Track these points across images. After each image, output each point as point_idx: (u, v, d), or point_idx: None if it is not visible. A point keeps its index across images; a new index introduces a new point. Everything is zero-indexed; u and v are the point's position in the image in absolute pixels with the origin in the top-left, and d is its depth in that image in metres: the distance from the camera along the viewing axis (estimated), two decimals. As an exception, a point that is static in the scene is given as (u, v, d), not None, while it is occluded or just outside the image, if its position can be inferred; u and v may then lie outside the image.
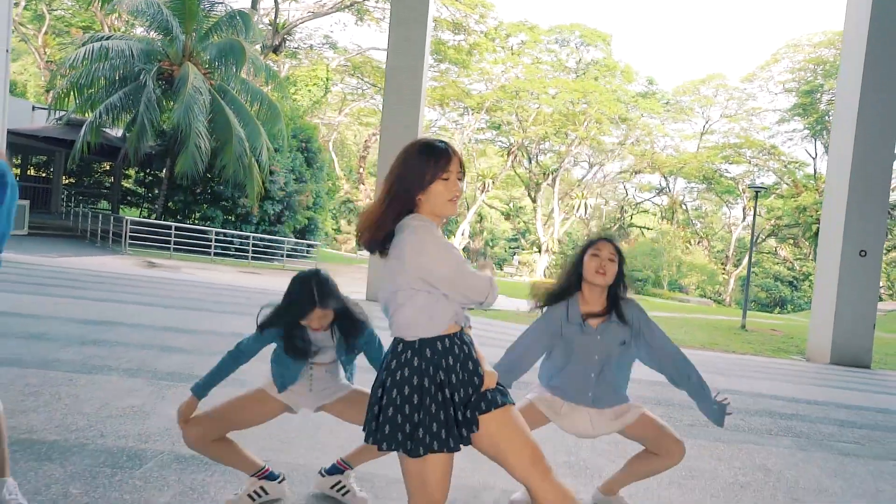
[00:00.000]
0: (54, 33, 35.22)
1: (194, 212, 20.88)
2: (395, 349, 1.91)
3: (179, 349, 5.40)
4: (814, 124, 37.54)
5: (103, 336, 5.56)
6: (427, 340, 1.86)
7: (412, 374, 1.85)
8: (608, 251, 2.63)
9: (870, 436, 4.82)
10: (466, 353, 1.90)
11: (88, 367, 4.53)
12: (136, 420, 3.52)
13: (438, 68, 36.73)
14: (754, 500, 3.24)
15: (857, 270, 10.04)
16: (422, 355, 1.85)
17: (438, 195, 1.85)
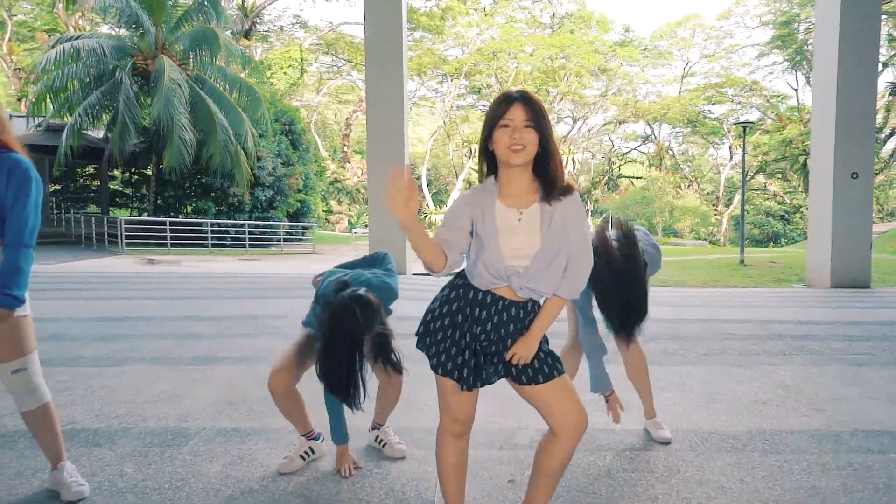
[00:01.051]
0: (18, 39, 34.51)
1: (186, 206, 20.78)
2: (456, 275, 2.00)
3: (199, 335, 5.48)
4: (793, 55, 37.33)
5: (122, 331, 5.62)
6: (472, 285, 1.92)
7: (455, 300, 1.93)
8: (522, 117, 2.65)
9: (879, 346, 4.96)
10: (503, 320, 1.89)
11: (114, 360, 4.60)
12: (172, 403, 3.61)
13: (413, 36, 36.24)
14: (777, 414, 3.37)
15: (850, 193, 10.17)
16: (465, 293, 1.92)
17: (499, 142, 1.81)
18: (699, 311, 7.09)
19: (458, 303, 1.93)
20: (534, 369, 1.91)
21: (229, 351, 4.90)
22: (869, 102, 10.28)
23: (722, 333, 5.45)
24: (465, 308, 1.92)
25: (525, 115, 1.80)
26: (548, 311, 1.93)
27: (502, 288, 1.88)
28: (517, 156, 1.79)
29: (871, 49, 10.20)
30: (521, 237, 1.83)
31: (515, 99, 1.82)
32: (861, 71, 10.10)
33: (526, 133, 1.79)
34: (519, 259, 1.83)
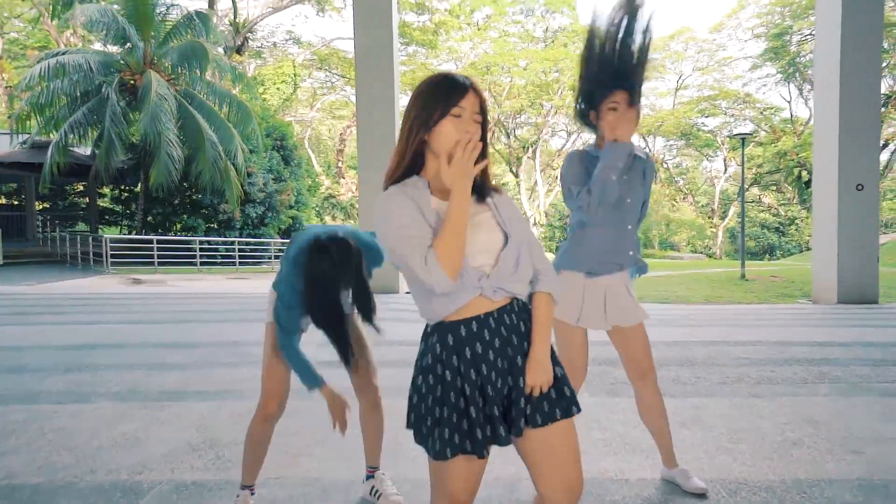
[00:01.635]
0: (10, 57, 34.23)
1: (175, 223, 20.37)
2: (424, 332, 1.62)
3: (173, 365, 5.08)
4: (786, 67, 37.34)
5: (90, 360, 5.22)
6: (447, 324, 1.53)
7: (435, 363, 1.54)
8: (626, 102, 2.37)
9: (906, 372, 4.60)
10: (505, 336, 1.53)
11: (75, 395, 4.20)
12: (129, 449, 3.21)
13: (406, 51, 36.15)
14: (811, 457, 2.99)
15: (856, 205, 9.86)
16: (443, 342, 1.53)
17: (446, 136, 1.49)
18: (707, 332, 6.72)
19: (440, 360, 1.54)
20: (549, 402, 1.55)
21: (202, 383, 4.50)
22: (872, 112, 10.00)
23: (736, 358, 5.08)
24: (451, 359, 1.53)
25: (476, 105, 1.51)
26: (544, 316, 1.58)
27: (475, 302, 1.51)
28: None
29: (874, 59, 9.94)
30: (472, 231, 1.52)
31: (468, 85, 1.50)
32: (864, 80, 9.82)
33: (476, 128, 1.50)
34: (480, 257, 1.52)
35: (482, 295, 1.51)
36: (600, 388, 4.18)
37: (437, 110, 1.48)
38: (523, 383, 1.53)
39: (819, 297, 10.44)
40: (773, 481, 2.72)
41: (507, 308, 1.55)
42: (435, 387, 1.53)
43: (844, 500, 2.53)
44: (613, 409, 3.71)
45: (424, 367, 1.56)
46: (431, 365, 1.54)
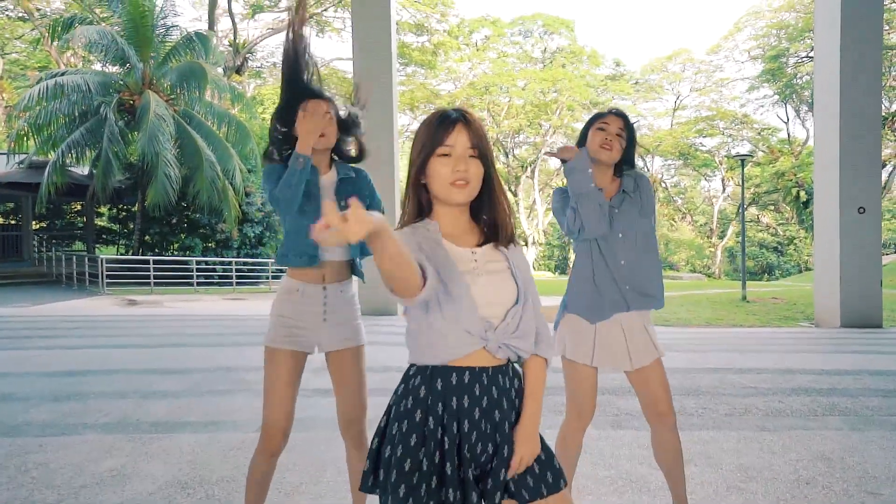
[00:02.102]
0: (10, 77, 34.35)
1: (172, 243, 20.27)
2: (405, 373, 1.50)
3: (165, 393, 4.95)
4: (783, 89, 37.60)
5: (79, 388, 5.08)
6: (438, 368, 1.42)
7: (415, 407, 1.42)
8: (617, 124, 2.38)
9: (918, 403, 4.48)
10: (495, 398, 1.42)
11: (61, 427, 4.06)
12: (115, 486, 3.08)
13: (405, 71, 36.35)
14: (826, 498, 2.86)
15: (858, 228, 9.78)
16: (430, 386, 1.42)
17: (437, 177, 1.40)
18: (711, 358, 6.59)
19: (423, 406, 1.42)
20: (535, 476, 1.43)
21: (195, 413, 4.38)
22: (873, 135, 9.96)
23: (742, 387, 4.95)
24: (436, 406, 1.40)
25: (469, 140, 1.39)
26: (539, 383, 1.47)
27: (476, 355, 1.40)
28: (461, 192, 1.39)
29: (874, 77, 9.93)
30: (487, 280, 1.41)
31: (456, 120, 1.39)
32: (864, 103, 9.80)
33: (471, 164, 1.39)
34: (490, 308, 1.40)
35: (485, 348, 1.41)
36: (604, 420, 4.05)
37: (424, 151, 1.40)
38: (507, 453, 1.41)
39: (821, 321, 10.32)
40: (788, 526, 2.59)
41: (503, 368, 1.45)
42: (409, 435, 1.40)
43: (865, 547, 2.41)
44: (619, 444, 3.58)
45: (401, 413, 1.43)
46: (411, 410, 1.42)
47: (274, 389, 2.26)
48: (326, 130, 2.27)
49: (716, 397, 4.65)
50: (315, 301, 2.29)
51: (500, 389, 1.43)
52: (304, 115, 2.23)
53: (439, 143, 1.39)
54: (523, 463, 1.41)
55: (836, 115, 9.80)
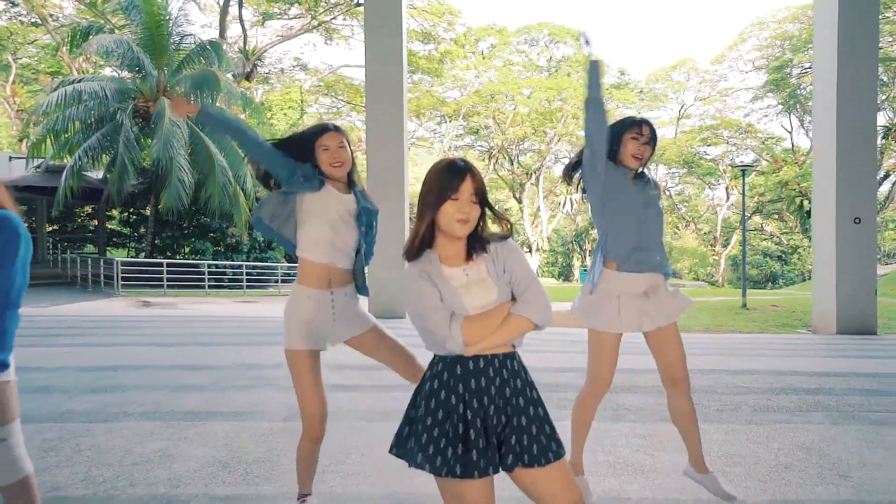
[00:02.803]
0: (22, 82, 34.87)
1: (183, 246, 20.69)
2: (430, 361, 1.88)
3: (193, 387, 5.30)
4: (787, 99, 37.90)
5: (113, 382, 5.44)
6: (457, 357, 1.80)
7: (440, 388, 1.80)
8: (648, 135, 2.82)
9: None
10: (505, 379, 1.80)
11: (104, 415, 4.42)
12: (163, 465, 3.43)
13: (412, 79, 36.75)
14: (801, 480, 3.19)
15: (854, 238, 10.10)
16: (451, 371, 1.80)
17: (446, 215, 1.81)
18: (707, 360, 6.92)
19: (447, 387, 1.80)
20: (540, 446, 1.78)
21: (224, 405, 4.72)
22: (869, 147, 10.29)
23: (734, 387, 5.28)
24: (457, 387, 1.78)
25: (472, 188, 1.82)
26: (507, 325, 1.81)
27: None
28: (462, 228, 1.81)
29: (870, 93, 10.26)
30: (477, 290, 1.83)
31: (464, 171, 1.82)
32: (860, 113, 10.13)
33: (472, 209, 1.82)
34: (481, 310, 1.81)
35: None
36: (605, 414, 4.38)
37: (440, 195, 1.80)
38: (516, 423, 1.77)
39: (818, 327, 10.63)
40: (764, 501, 2.92)
41: (510, 355, 1.83)
42: (437, 410, 1.78)
43: (831, 519, 2.74)
44: (618, 434, 3.91)
45: (428, 392, 1.82)
46: (437, 390, 1.80)
47: (304, 386, 2.59)
48: (342, 157, 2.65)
49: (709, 395, 4.97)
50: (325, 304, 2.64)
51: (509, 371, 1.81)
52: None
53: (454, 191, 1.80)
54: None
55: (833, 128, 10.13)
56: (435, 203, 1.80)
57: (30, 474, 2.32)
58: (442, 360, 1.82)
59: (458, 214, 1.79)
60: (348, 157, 2.68)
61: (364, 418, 4.31)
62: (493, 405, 1.76)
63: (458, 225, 1.80)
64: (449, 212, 1.79)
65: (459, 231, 1.81)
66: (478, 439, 1.73)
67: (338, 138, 2.66)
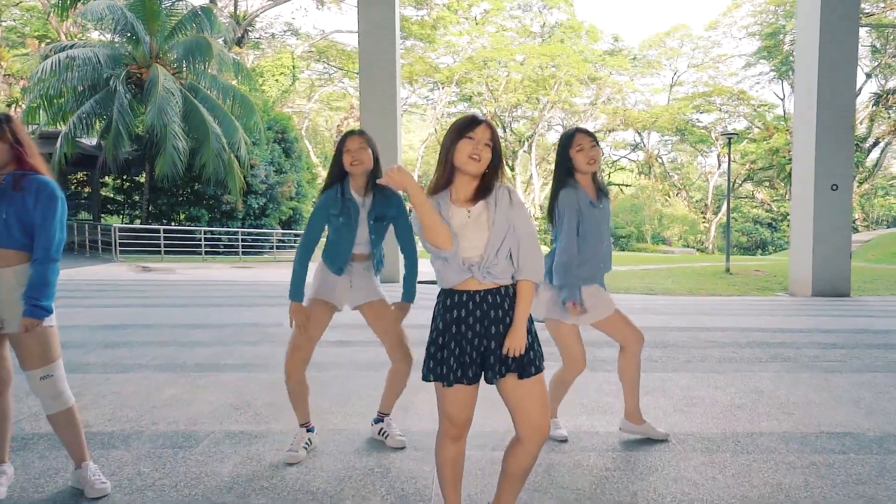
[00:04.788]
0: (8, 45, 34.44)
1: (179, 213, 20.90)
2: (438, 293, 2.23)
3: (201, 342, 5.67)
4: (779, 65, 37.98)
5: (124, 339, 5.80)
6: (446, 291, 2.15)
7: (443, 312, 2.15)
8: (589, 142, 3.05)
9: (850, 354, 5.23)
10: (484, 310, 2.09)
11: (120, 366, 4.79)
12: (180, 407, 3.80)
13: (404, 45, 36.55)
14: (750, 417, 3.60)
15: (831, 204, 10.47)
16: (444, 302, 2.16)
17: (461, 151, 2.08)
18: (684, 320, 7.35)
19: (444, 314, 2.14)
20: (528, 360, 2.12)
21: (232, 358, 5.10)
22: (847, 116, 10.59)
23: (704, 341, 5.70)
24: (450, 313, 2.13)
25: (488, 135, 2.09)
26: (522, 297, 2.14)
27: (469, 281, 2.11)
28: (474, 165, 2.07)
29: (850, 60, 10.51)
30: (471, 231, 2.09)
31: (482, 121, 2.12)
32: (839, 82, 10.40)
33: (484, 150, 2.08)
34: (472, 250, 2.09)
35: (473, 277, 2.12)
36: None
37: (458, 133, 2.11)
38: (495, 345, 2.12)
39: (795, 291, 11.08)
40: (715, 434, 3.33)
41: (493, 291, 2.14)
42: (443, 332, 2.14)
43: (768, 446, 3.15)
44: (591, 381, 4.31)
45: (436, 315, 2.19)
46: (436, 317, 2.18)
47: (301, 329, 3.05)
48: (362, 157, 2.99)
49: (679, 349, 5.39)
50: (342, 275, 3.10)
51: (489, 304, 2.13)
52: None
53: (469, 131, 2.10)
54: (511, 350, 2.11)
55: (814, 97, 10.41)
56: (452, 141, 2.09)
57: (74, 405, 2.70)
58: (442, 293, 2.17)
59: (471, 151, 2.07)
60: (367, 158, 3.00)
61: (361, 368, 4.70)
62: (471, 331, 2.10)
63: (471, 161, 2.06)
64: (463, 149, 2.07)
65: (471, 168, 2.07)
66: (462, 355, 2.10)
67: (358, 141, 3.00)
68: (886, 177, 43.93)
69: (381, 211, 3.05)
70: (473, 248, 2.11)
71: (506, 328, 2.13)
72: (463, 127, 2.10)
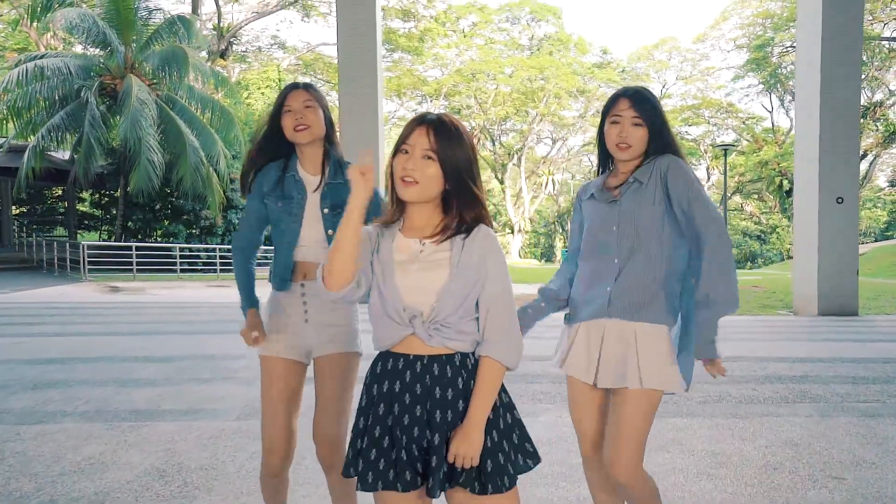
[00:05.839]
0: (-13, 58, 33.69)
1: (155, 229, 20.14)
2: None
3: (145, 381, 4.95)
4: (768, 78, 37.80)
5: (58, 376, 5.08)
6: (382, 353, 1.50)
7: (371, 384, 1.51)
8: (630, 112, 1.97)
9: (886, 391, 4.60)
10: (428, 385, 1.43)
11: (40, 415, 4.07)
12: (93, 474, 3.09)
13: (391, 58, 36.11)
14: (792, 483, 2.94)
15: (836, 218, 9.92)
16: (373, 369, 1.51)
17: (395, 173, 1.45)
18: (688, 346, 6.70)
19: (374, 386, 1.49)
20: (494, 466, 1.42)
21: (174, 401, 4.39)
22: (851, 126, 10.09)
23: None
24: (378, 384, 1.47)
25: (428, 142, 1.42)
26: (483, 383, 1.43)
27: (411, 342, 1.44)
28: (406, 189, 1.43)
29: (853, 72, 10.04)
30: (420, 267, 1.46)
31: (422, 122, 1.44)
32: (843, 95, 9.90)
33: (424, 166, 1.41)
34: (418, 294, 1.45)
35: (415, 334, 1.43)
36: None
37: (394, 148, 1.45)
38: (438, 441, 1.42)
39: (800, 309, 10.49)
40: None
41: (443, 358, 1.45)
42: (360, 414, 1.50)
43: (826, 530, 2.49)
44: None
45: (364, 387, 1.53)
46: (369, 385, 1.51)
47: (269, 403, 2.11)
48: (307, 120, 2.08)
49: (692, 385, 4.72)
50: (294, 300, 2.12)
51: (434, 377, 1.44)
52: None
53: (401, 142, 1.43)
54: (458, 460, 1.40)
55: (816, 108, 9.90)
56: (390, 159, 1.46)
57: None
58: (377, 357, 1.52)
59: (399, 171, 1.41)
60: (316, 120, 2.09)
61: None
62: (408, 414, 1.43)
63: (400, 184, 1.42)
64: (395, 167, 1.44)
65: (402, 192, 1.43)
66: (393, 449, 1.43)
67: (302, 96, 2.09)
68: (874, 189, 43.87)
69: (340, 195, 2.06)
70: (419, 291, 1.44)
71: (455, 416, 1.43)
72: (400, 137, 1.45)
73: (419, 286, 1.44)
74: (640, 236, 1.94)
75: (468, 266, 1.44)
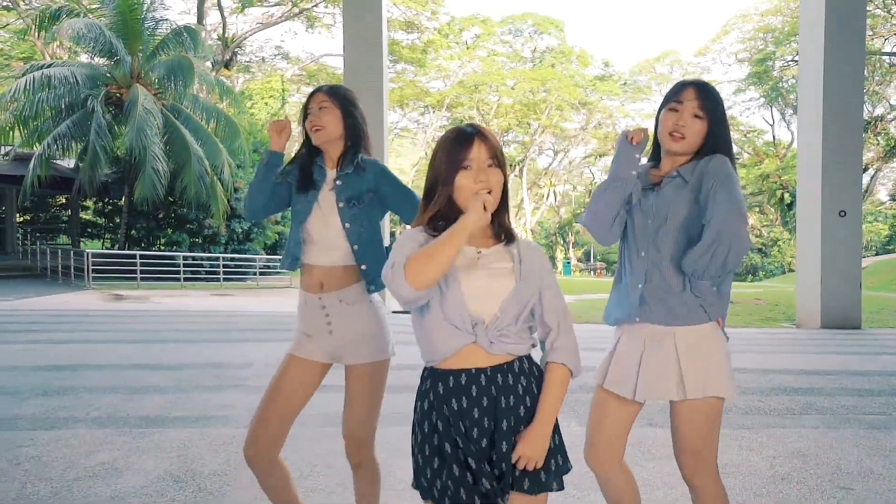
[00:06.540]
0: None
1: (159, 238, 20.18)
2: (421, 374, 1.60)
3: (154, 388, 4.99)
4: (769, 92, 37.99)
5: (68, 382, 5.11)
6: (439, 372, 1.51)
7: (430, 409, 1.52)
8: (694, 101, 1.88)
9: (892, 403, 4.62)
10: (494, 396, 1.48)
11: (52, 420, 4.10)
12: (107, 480, 3.12)
13: (395, 69, 36.32)
14: (800, 494, 2.97)
15: (839, 231, 9.96)
16: (435, 390, 1.52)
17: (462, 189, 1.49)
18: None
19: (434, 408, 1.51)
20: (546, 470, 1.49)
21: (184, 409, 4.42)
22: (855, 140, 10.15)
23: (722, 386, 5.08)
24: (441, 408, 1.49)
25: (486, 153, 1.51)
26: (552, 389, 1.51)
27: (467, 355, 1.47)
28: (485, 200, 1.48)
29: (856, 86, 10.12)
30: (487, 274, 1.50)
31: (473, 136, 1.51)
32: (846, 108, 9.96)
33: (491, 173, 1.51)
34: (483, 301, 1.48)
35: (476, 343, 1.47)
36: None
37: (450, 166, 1.50)
38: (506, 448, 1.47)
39: (803, 322, 10.51)
40: (763, 519, 2.70)
41: (504, 368, 1.50)
42: (431, 435, 1.50)
43: (835, 540, 2.52)
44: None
45: (422, 413, 1.54)
46: (427, 411, 1.52)
47: (267, 392, 2.16)
48: (322, 121, 2.13)
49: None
50: (316, 311, 2.15)
51: (499, 388, 1.48)
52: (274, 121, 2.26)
53: (463, 159, 1.49)
54: (523, 461, 1.46)
55: (819, 121, 9.96)
56: (446, 177, 1.50)
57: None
58: (430, 374, 1.54)
59: (475, 185, 1.47)
60: (331, 121, 2.13)
61: (333, 422, 4.02)
62: (476, 427, 1.47)
63: (478, 197, 1.46)
64: (464, 183, 1.49)
65: (478, 205, 1.46)
66: (477, 467, 1.46)
67: (319, 98, 2.15)
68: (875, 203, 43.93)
69: (356, 187, 2.14)
70: (484, 298, 1.48)
71: (518, 421, 1.48)
72: (455, 152, 1.49)
73: (484, 294, 1.49)
74: (671, 233, 1.86)
75: (530, 275, 1.52)
